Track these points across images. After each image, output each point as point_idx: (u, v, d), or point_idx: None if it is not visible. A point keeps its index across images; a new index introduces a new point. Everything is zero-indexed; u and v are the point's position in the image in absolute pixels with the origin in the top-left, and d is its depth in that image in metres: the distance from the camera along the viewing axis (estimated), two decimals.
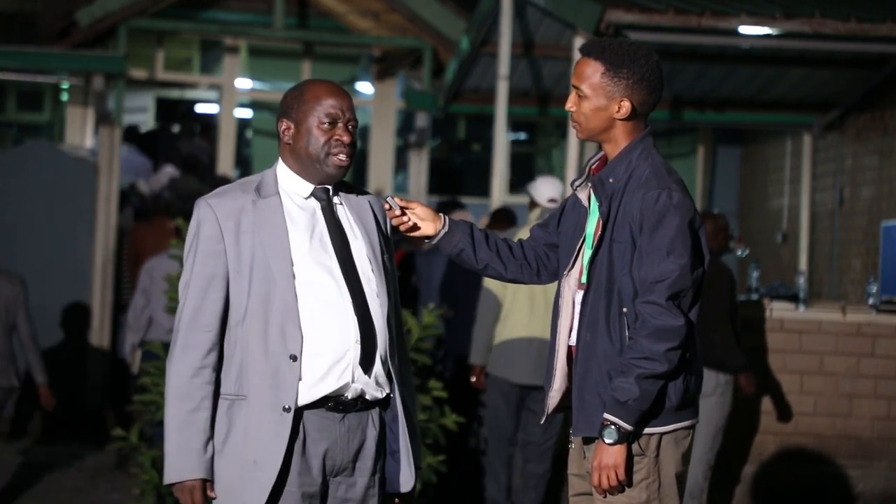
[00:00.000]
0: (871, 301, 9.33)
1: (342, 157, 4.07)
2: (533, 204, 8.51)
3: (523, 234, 6.08)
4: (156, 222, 12.53)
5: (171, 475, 3.99)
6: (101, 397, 12.87)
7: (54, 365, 12.56)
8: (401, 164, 15.27)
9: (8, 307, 8.61)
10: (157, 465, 7.10)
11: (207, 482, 4.00)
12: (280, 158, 4.17)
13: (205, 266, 4.01)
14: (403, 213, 4.25)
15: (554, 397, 4.26)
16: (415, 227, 4.28)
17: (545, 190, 8.47)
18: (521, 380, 8.21)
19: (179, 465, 3.98)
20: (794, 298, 9.39)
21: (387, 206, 4.22)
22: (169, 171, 14.32)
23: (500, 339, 8.26)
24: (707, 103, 12.72)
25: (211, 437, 4.00)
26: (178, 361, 4.01)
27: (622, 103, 4.15)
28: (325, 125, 4.06)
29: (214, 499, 4.01)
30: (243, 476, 3.97)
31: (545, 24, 11.23)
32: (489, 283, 8.25)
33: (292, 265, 4.00)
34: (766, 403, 9.06)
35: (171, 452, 3.99)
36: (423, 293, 9.41)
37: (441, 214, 4.32)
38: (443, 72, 13.56)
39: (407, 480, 4.14)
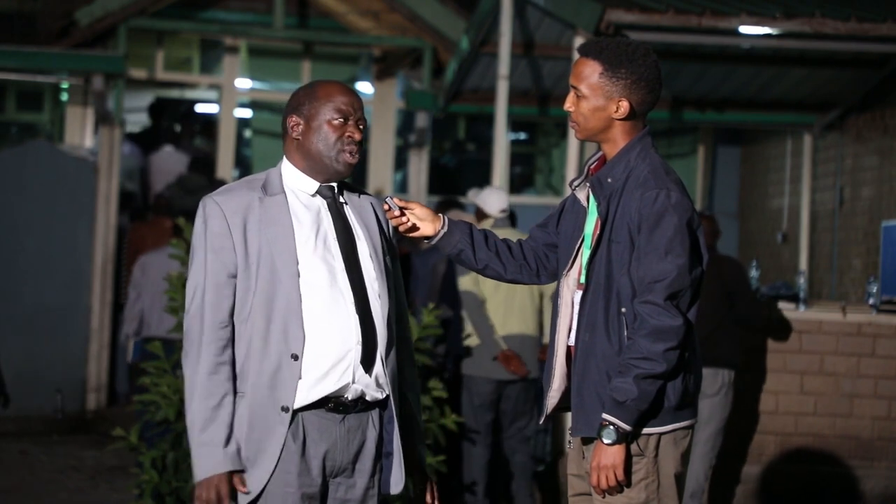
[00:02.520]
0: (871, 301, 9.33)
1: (352, 154, 4.07)
2: (482, 215, 8.67)
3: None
4: (155, 221, 12.53)
5: (197, 473, 3.95)
6: (101, 397, 12.88)
7: (54, 365, 12.59)
8: (401, 164, 15.26)
9: None
10: (157, 465, 7.09)
11: (235, 474, 3.94)
12: (285, 156, 4.15)
13: (215, 262, 4.00)
14: (402, 214, 4.25)
15: (553, 397, 4.26)
16: (414, 228, 4.27)
17: (495, 202, 8.73)
18: (500, 375, 8.48)
19: (204, 463, 3.94)
20: (794, 298, 9.39)
21: (386, 207, 4.21)
22: (168, 150, 14.34)
23: (476, 340, 8.50)
24: (707, 103, 12.71)
25: (233, 431, 3.96)
26: (197, 360, 3.97)
27: (620, 103, 4.14)
28: (337, 122, 4.06)
29: (247, 493, 3.96)
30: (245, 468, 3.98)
31: (545, 24, 11.22)
32: (464, 285, 8.46)
33: (297, 264, 3.99)
34: (767, 403, 9.06)
35: (196, 452, 3.95)
36: (420, 293, 9.43)
37: (440, 215, 4.32)
38: (443, 72, 13.55)
39: (398, 482, 4.14)
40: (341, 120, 4.06)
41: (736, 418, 8.94)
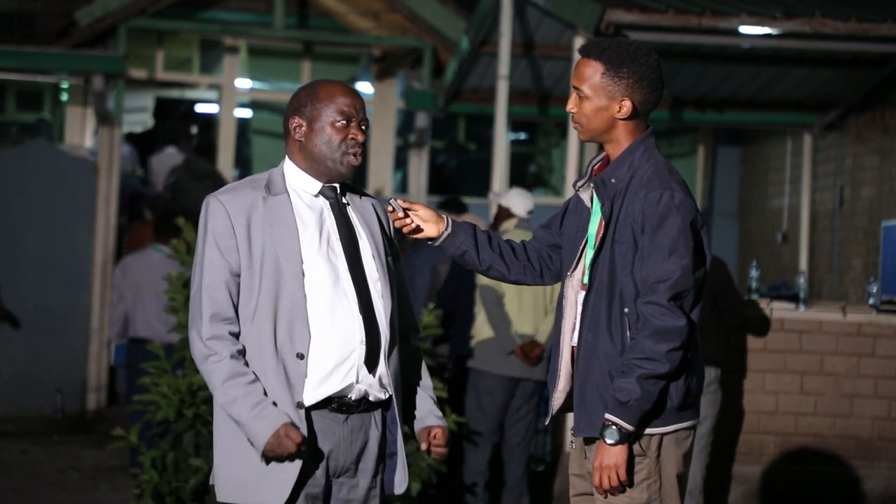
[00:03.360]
0: (871, 301, 9.33)
1: (355, 156, 4.07)
2: (508, 214, 8.66)
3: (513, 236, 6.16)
4: (154, 221, 12.53)
5: (260, 438, 3.88)
6: (101, 397, 12.87)
7: (54, 365, 12.58)
8: (401, 164, 15.27)
9: None
10: (157, 465, 7.09)
11: (291, 425, 3.91)
12: (287, 156, 4.15)
13: (219, 261, 4.00)
14: (406, 215, 4.25)
15: (558, 398, 4.26)
16: (418, 229, 4.27)
17: (522, 203, 8.72)
18: (513, 373, 8.49)
19: (263, 424, 3.89)
20: (794, 298, 9.39)
21: (390, 209, 4.22)
22: (171, 151, 14.36)
23: (489, 335, 8.49)
24: (707, 103, 12.72)
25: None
26: (211, 353, 3.96)
27: (623, 103, 4.14)
28: (340, 123, 4.05)
29: (305, 441, 3.91)
30: (260, 472, 3.95)
31: (545, 24, 11.23)
32: (483, 279, 8.43)
33: (302, 263, 3.99)
34: (767, 403, 9.06)
35: (249, 420, 3.90)
36: None
37: (444, 216, 4.32)
38: (443, 72, 13.55)
39: (401, 482, 4.15)
40: (344, 122, 4.06)
41: (735, 418, 8.94)
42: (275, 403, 3.94)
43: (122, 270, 10.49)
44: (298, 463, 3.93)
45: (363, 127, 4.09)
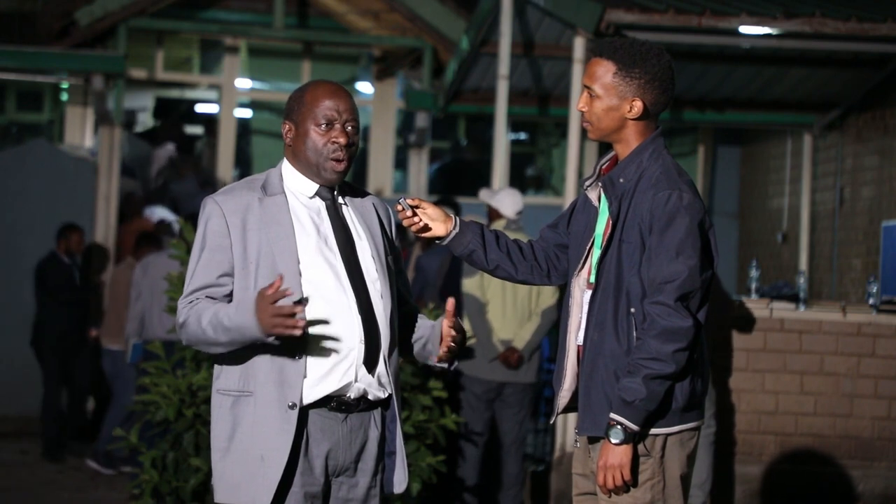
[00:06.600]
0: (871, 301, 9.32)
1: (338, 161, 4.05)
2: (497, 215, 8.65)
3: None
4: (133, 223, 12.58)
5: (252, 330, 3.84)
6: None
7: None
8: (401, 164, 15.27)
9: None
10: (157, 465, 7.09)
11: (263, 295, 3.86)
12: (284, 158, 4.17)
13: (211, 261, 4.02)
14: (415, 214, 4.24)
15: (564, 397, 4.25)
16: (426, 228, 4.27)
17: (512, 203, 8.70)
18: (497, 377, 8.53)
19: (246, 317, 3.86)
20: (794, 298, 9.39)
21: (399, 208, 4.22)
22: (170, 148, 14.40)
23: (473, 341, 8.54)
24: (707, 103, 12.72)
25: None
26: (188, 315, 3.96)
27: (634, 103, 4.14)
28: (322, 127, 4.05)
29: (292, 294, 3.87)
30: (250, 472, 3.96)
31: (545, 24, 11.23)
32: (468, 287, 8.46)
33: (299, 263, 4.00)
34: (767, 403, 9.06)
35: (239, 325, 3.86)
36: None
37: (452, 215, 4.31)
38: (443, 72, 13.56)
39: (401, 481, 4.15)
40: (325, 125, 4.05)
41: (735, 418, 8.94)
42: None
43: (143, 268, 10.47)
44: (283, 463, 3.93)
45: (349, 128, 4.07)
